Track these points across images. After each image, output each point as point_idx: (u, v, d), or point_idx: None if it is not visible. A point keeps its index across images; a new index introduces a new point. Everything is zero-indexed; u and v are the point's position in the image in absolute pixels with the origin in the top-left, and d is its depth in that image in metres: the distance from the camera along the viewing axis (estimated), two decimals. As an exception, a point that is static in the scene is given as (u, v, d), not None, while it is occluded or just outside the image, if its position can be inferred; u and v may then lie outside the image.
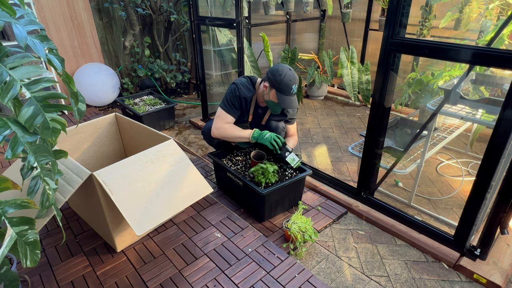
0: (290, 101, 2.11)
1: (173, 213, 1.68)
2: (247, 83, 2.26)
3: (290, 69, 2.09)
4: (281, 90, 2.07)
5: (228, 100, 2.22)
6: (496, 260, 1.80)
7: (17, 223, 1.06)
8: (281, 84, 2.06)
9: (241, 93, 2.21)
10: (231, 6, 3.42)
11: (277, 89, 2.08)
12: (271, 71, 2.11)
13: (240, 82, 2.25)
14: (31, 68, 1.02)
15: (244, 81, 2.27)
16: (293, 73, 2.09)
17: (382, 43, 1.80)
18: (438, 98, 2.50)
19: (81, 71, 3.91)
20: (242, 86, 2.23)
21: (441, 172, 2.70)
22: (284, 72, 2.06)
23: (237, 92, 2.20)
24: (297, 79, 2.10)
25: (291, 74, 2.08)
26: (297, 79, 2.10)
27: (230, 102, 2.22)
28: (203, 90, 3.49)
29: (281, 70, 2.07)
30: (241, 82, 2.25)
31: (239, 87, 2.21)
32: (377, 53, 1.84)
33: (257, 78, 2.31)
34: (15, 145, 1.01)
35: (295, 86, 2.08)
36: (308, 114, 3.93)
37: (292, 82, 2.07)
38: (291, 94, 2.10)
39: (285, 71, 2.07)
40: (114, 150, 2.40)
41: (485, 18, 2.81)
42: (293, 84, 2.07)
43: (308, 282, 1.66)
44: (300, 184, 2.22)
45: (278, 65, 2.13)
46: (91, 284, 1.66)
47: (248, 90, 2.24)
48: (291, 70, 2.09)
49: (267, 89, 2.14)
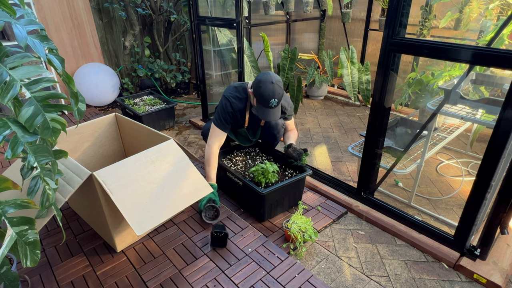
0: (267, 114, 2.06)
1: (173, 213, 1.68)
2: (238, 93, 2.21)
3: (272, 83, 1.99)
4: (260, 101, 2.04)
5: (219, 116, 2.20)
6: (496, 260, 1.80)
7: (17, 223, 1.06)
8: (259, 96, 2.02)
9: (234, 107, 2.18)
10: (231, 6, 3.42)
11: (257, 99, 2.05)
12: (256, 79, 2.05)
13: (231, 95, 2.20)
14: (31, 68, 1.02)
15: (233, 92, 2.21)
16: (273, 88, 1.98)
17: (382, 43, 1.80)
18: (438, 98, 2.50)
19: (81, 71, 3.91)
20: (234, 98, 2.19)
21: (441, 172, 2.70)
22: (265, 85, 1.99)
23: (229, 108, 2.17)
24: (278, 94, 2.00)
25: (271, 88, 1.98)
26: (278, 94, 2.00)
27: (222, 117, 2.19)
28: (203, 90, 3.49)
29: (263, 82, 1.99)
30: (232, 95, 2.19)
31: (231, 102, 2.18)
32: (377, 53, 1.84)
33: (247, 83, 2.26)
34: (15, 145, 1.01)
35: (274, 100, 2.00)
36: (308, 114, 3.93)
37: (271, 96, 1.98)
38: (270, 107, 2.03)
39: (266, 84, 1.98)
40: (114, 150, 2.40)
41: (485, 18, 2.81)
42: (272, 98, 1.99)
43: (308, 282, 1.66)
44: (300, 184, 2.22)
45: (264, 74, 2.04)
46: (91, 284, 1.66)
47: (240, 101, 2.20)
48: (273, 84, 1.99)
49: (252, 96, 2.11)
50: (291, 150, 2.21)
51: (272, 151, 2.45)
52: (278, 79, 2.04)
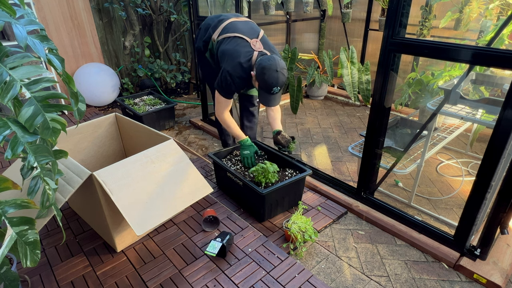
0: (268, 99, 2.08)
1: (173, 213, 1.68)
2: (243, 73, 2.09)
3: (277, 71, 1.95)
4: (262, 87, 2.03)
5: (222, 88, 2.14)
6: (496, 260, 1.80)
7: (17, 223, 1.06)
8: (262, 82, 2.00)
9: (237, 86, 2.12)
10: (231, 6, 3.42)
11: (259, 84, 2.03)
12: (261, 64, 1.97)
13: (236, 74, 2.08)
14: (31, 68, 1.02)
15: (239, 71, 2.08)
16: (277, 76, 1.95)
17: (382, 43, 1.80)
18: (438, 98, 2.50)
19: (81, 71, 3.91)
20: (239, 79, 2.09)
21: (441, 172, 2.70)
22: (269, 72, 1.94)
23: (232, 86, 2.11)
24: (282, 82, 1.99)
25: (275, 76, 1.95)
26: (282, 82, 1.99)
27: (225, 89, 2.14)
28: (203, 90, 3.49)
29: (267, 69, 1.94)
30: (237, 75, 2.08)
31: (235, 81, 2.09)
32: (377, 53, 1.84)
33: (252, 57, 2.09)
34: (15, 145, 1.01)
35: (276, 88, 1.99)
36: (308, 114, 3.93)
37: (274, 84, 1.97)
38: (271, 93, 2.03)
39: (270, 72, 1.94)
40: (114, 150, 2.40)
41: (485, 18, 2.81)
42: (275, 86, 1.98)
43: (308, 282, 1.66)
44: (300, 184, 2.22)
45: (269, 60, 1.96)
46: (91, 284, 1.66)
47: (243, 81, 2.11)
48: (277, 72, 1.95)
49: (254, 79, 2.08)
50: (280, 138, 2.29)
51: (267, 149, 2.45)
52: (283, 65, 1.99)
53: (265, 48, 2.14)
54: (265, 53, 2.11)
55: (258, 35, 2.18)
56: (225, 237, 1.82)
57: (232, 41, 2.13)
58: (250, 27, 2.22)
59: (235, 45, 2.11)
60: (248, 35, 2.14)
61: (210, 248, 1.77)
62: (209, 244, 1.80)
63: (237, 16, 2.31)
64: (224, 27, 2.21)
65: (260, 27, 2.30)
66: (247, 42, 2.11)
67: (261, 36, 2.19)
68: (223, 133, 2.82)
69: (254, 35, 2.16)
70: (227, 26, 2.21)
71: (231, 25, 2.20)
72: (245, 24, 2.23)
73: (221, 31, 2.21)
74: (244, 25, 2.21)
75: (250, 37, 2.13)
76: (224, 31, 2.20)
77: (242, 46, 2.10)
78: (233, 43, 2.12)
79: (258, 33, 2.19)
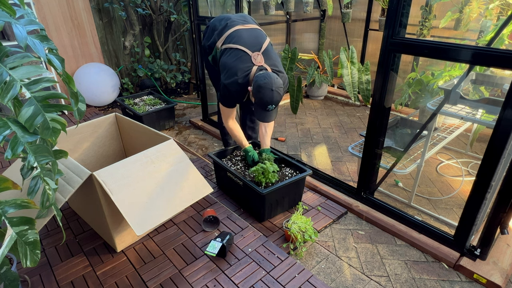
0: (263, 115, 2.06)
1: (173, 213, 1.68)
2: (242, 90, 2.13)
3: (272, 90, 1.95)
4: (258, 104, 2.03)
5: (225, 100, 2.23)
6: (496, 260, 1.80)
7: (17, 223, 1.06)
8: (257, 99, 2.00)
9: (237, 100, 2.21)
10: (231, 6, 3.41)
11: (255, 101, 2.04)
12: (257, 82, 1.98)
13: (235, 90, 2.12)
14: (31, 68, 1.02)
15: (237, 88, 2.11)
16: (272, 95, 1.96)
17: (382, 43, 1.80)
18: (438, 98, 2.50)
19: (81, 71, 3.91)
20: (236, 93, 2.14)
21: (441, 172, 2.70)
22: (264, 91, 1.95)
23: (233, 100, 2.20)
24: (276, 100, 1.99)
25: (270, 95, 1.95)
26: (276, 100, 1.99)
27: (227, 101, 2.22)
28: (203, 90, 3.49)
29: (263, 88, 1.95)
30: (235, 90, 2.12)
31: (234, 96, 2.16)
32: (377, 53, 1.84)
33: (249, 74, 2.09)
34: (15, 145, 1.01)
35: (271, 106, 2.00)
36: (308, 114, 3.93)
37: (269, 102, 1.98)
38: (266, 110, 2.03)
39: (265, 90, 1.95)
40: (114, 150, 2.40)
41: (485, 18, 2.81)
42: (270, 104, 1.99)
43: (308, 282, 1.66)
44: (300, 184, 2.22)
45: (265, 78, 1.96)
46: (91, 284, 1.66)
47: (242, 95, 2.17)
48: (272, 91, 1.95)
49: (251, 94, 2.09)
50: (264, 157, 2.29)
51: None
52: (279, 84, 1.98)
53: (266, 61, 2.12)
54: (265, 68, 2.09)
55: (261, 47, 2.14)
56: (225, 237, 1.83)
57: (233, 54, 2.12)
58: (255, 37, 2.18)
59: (235, 59, 2.10)
60: (250, 47, 2.12)
61: (210, 248, 1.77)
62: (209, 244, 1.80)
63: (244, 23, 2.25)
64: (229, 35, 2.18)
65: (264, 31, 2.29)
66: (248, 55, 2.10)
67: (264, 47, 2.15)
68: (225, 133, 2.82)
69: (257, 47, 2.13)
70: (231, 34, 2.18)
71: (236, 33, 2.17)
72: (250, 33, 2.19)
73: (225, 40, 2.19)
74: (249, 35, 2.17)
75: (252, 50, 2.11)
76: (228, 39, 2.18)
77: (241, 61, 2.09)
78: (234, 56, 2.11)
79: (261, 45, 2.15)
